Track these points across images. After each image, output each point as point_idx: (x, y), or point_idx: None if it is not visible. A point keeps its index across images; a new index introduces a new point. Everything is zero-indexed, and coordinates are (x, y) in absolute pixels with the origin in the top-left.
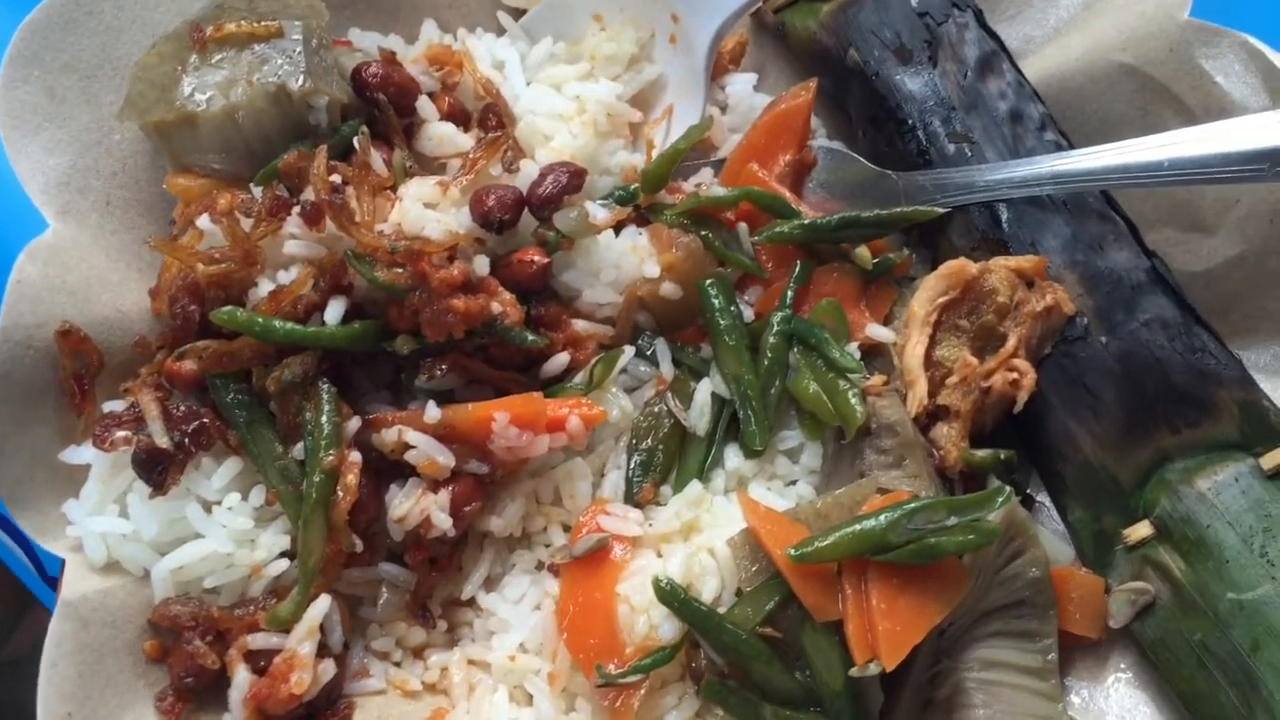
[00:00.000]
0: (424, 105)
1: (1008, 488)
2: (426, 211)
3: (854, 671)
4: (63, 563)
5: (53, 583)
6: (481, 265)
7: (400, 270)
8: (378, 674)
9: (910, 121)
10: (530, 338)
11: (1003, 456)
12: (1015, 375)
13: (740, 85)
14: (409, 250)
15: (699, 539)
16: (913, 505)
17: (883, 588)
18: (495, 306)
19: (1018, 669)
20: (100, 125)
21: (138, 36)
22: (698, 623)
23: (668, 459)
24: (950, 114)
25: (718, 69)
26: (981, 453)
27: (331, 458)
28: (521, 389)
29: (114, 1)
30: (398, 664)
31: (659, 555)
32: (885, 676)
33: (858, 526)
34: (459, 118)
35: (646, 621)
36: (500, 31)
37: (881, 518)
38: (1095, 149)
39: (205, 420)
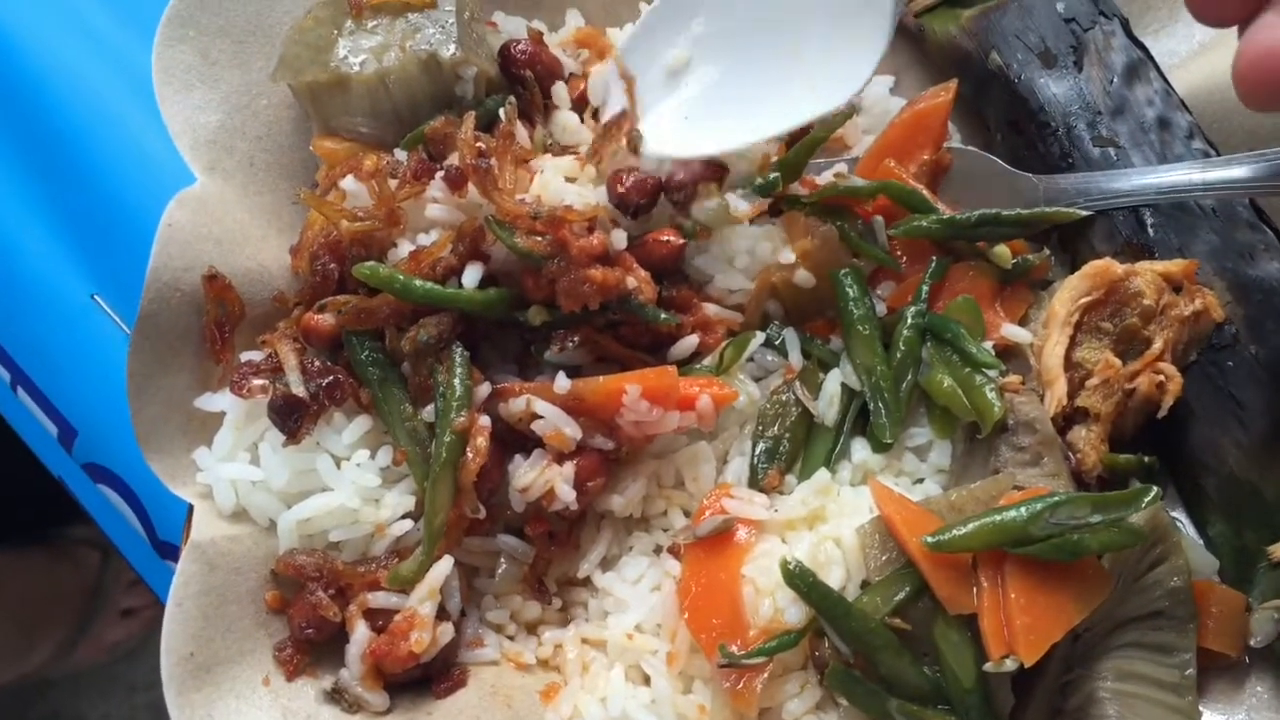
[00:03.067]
0: (559, 91)
1: (1154, 488)
2: (565, 185)
3: (989, 667)
4: (186, 518)
5: (163, 548)
6: (619, 239)
7: (540, 239)
8: (491, 645)
9: (1053, 125)
10: (663, 316)
11: (1145, 460)
12: (1161, 378)
13: (876, 87)
14: (551, 216)
15: (824, 528)
16: (1055, 499)
17: (1021, 582)
18: (630, 281)
19: (1154, 683)
20: (249, 89)
21: (289, 6)
22: (825, 608)
23: (794, 448)
24: (1096, 118)
25: None
26: (1124, 457)
27: (462, 419)
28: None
29: None
30: (511, 638)
31: (784, 542)
32: (1016, 680)
33: (998, 517)
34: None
35: (771, 605)
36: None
37: (1023, 510)
38: (1248, 155)
39: (339, 375)
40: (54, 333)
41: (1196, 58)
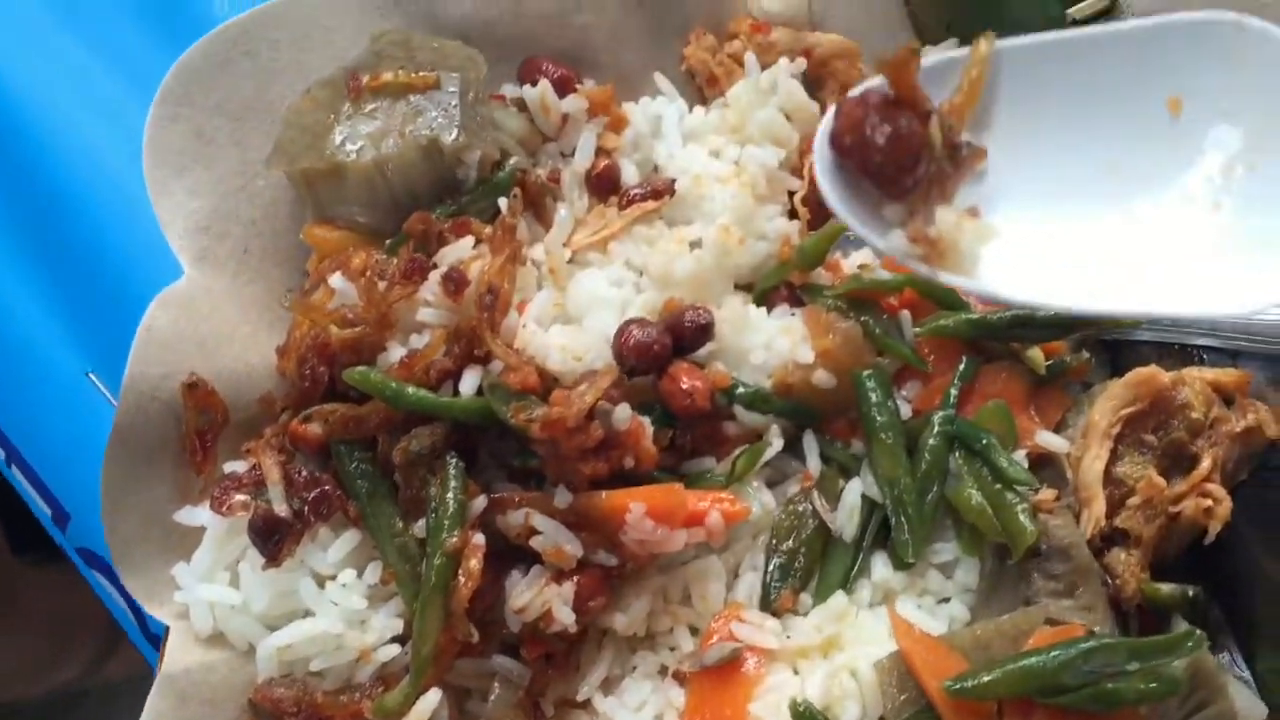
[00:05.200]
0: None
1: (1198, 632)
2: (550, 338)
3: None
4: (162, 639)
5: (154, 640)
6: (622, 416)
7: (533, 421)
8: None
9: None
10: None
11: (1190, 594)
12: (1209, 503)
13: None
14: (546, 420)
15: (840, 657)
16: (1090, 644)
17: None
18: (628, 462)
19: None
20: (246, 170)
21: (292, 81)
22: None
23: (809, 563)
24: None
25: None
26: (1166, 588)
27: (455, 539)
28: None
29: (270, 44)
30: None
31: (795, 672)
32: None
33: (1026, 663)
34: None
35: None
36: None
37: (1054, 655)
38: None
39: (327, 488)
40: (48, 410)
41: None
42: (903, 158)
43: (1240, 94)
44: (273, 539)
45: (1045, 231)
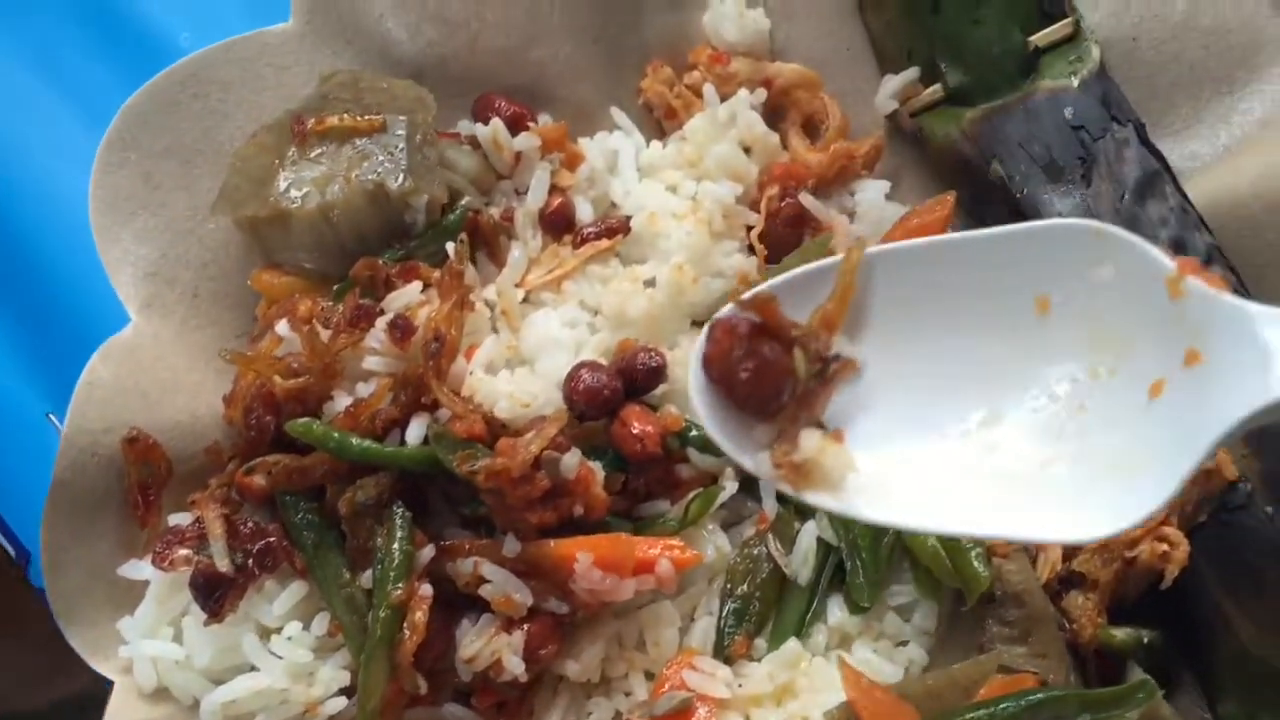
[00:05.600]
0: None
1: (1150, 681)
2: (498, 385)
3: None
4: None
5: None
6: (570, 464)
7: (477, 471)
8: None
9: None
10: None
11: (1145, 640)
12: (1165, 548)
13: (871, 192)
14: (490, 470)
15: (793, 704)
16: (1039, 696)
17: None
18: (578, 510)
19: None
20: (195, 213)
21: (242, 122)
22: None
23: (764, 608)
24: None
25: (848, 173)
26: (1121, 634)
27: (400, 592)
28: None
29: (221, 85)
30: None
31: None
32: None
33: (973, 715)
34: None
35: None
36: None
37: (1003, 708)
38: None
39: (272, 540)
40: (8, 451)
41: (1221, 162)
42: (766, 390)
43: (1101, 299)
44: (214, 595)
45: (912, 444)
